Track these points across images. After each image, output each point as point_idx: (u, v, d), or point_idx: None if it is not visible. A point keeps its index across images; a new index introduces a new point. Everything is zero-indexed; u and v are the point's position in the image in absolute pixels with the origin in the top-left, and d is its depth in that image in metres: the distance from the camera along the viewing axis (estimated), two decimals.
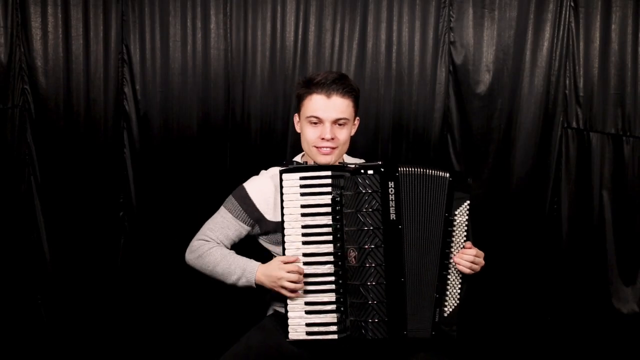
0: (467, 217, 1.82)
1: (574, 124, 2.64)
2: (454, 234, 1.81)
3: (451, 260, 1.80)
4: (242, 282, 1.86)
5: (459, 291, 1.81)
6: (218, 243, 1.94)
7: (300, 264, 1.78)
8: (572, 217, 2.65)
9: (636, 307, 2.62)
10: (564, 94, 2.64)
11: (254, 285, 1.85)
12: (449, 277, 1.80)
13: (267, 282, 1.82)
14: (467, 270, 1.80)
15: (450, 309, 1.80)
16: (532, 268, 2.68)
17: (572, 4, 2.60)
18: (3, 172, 2.56)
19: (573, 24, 2.61)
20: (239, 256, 1.91)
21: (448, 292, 1.80)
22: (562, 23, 2.62)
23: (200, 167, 2.66)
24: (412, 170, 1.77)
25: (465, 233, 1.82)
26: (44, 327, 2.64)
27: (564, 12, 2.61)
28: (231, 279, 1.87)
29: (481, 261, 1.84)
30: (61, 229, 2.63)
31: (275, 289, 1.81)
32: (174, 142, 2.65)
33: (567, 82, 2.63)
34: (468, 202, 1.82)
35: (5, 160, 2.56)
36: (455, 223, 1.80)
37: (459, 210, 1.81)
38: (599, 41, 2.59)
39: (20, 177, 2.59)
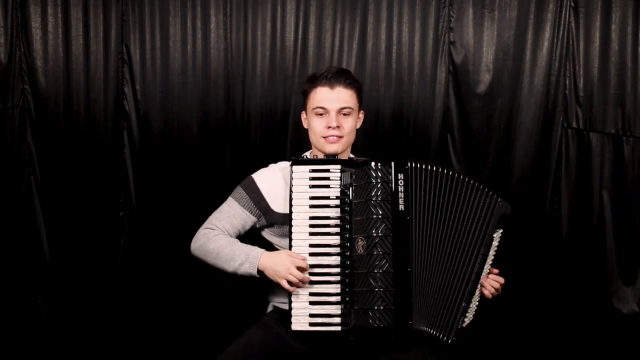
0: (497, 243, 1.83)
1: (574, 124, 2.64)
2: (489, 253, 1.81)
3: (483, 276, 1.81)
4: (244, 267, 1.84)
5: (476, 307, 1.82)
6: (223, 231, 1.95)
7: (307, 260, 1.79)
8: (572, 217, 2.66)
9: (636, 307, 2.62)
10: (564, 94, 2.64)
11: (255, 273, 1.83)
12: (476, 291, 1.80)
13: (269, 269, 1.81)
14: (489, 296, 1.84)
15: (469, 321, 1.79)
16: (532, 268, 2.68)
17: (572, 4, 2.60)
18: (3, 172, 2.56)
19: (573, 24, 2.61)
20: (244, 244, 1.91)
21: (471, 305, 1.79)
22: (562, 23, 2.62)
23: (200, 167, 2.66)
24: (426, 167, 1.78)
25: (493, 257, 1.83)
26: (44, 327, 2.64)
27: (564, 12, 2.61)
28: (233, 265, 1.85)
29: (500, 289, 1.87)
30: (61, 229, 2.63)
31: (276, 279, 1.80)
32: (174, 142, 2.65)
33: (567, 82, 2.63)
34: (502, 230, 1.83)
35: (5, 160, 2.56)
36: (491, 244, 1.81)
37: (495, 235, 1.82)
38: (599, 41, 2.60)
39: (20, 177, 2.59)
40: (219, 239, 1.91)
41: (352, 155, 2.04)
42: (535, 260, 2.68)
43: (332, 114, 1.91)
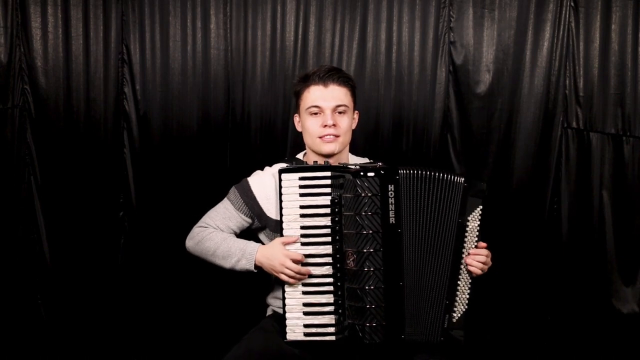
0: (478, 223, 1.80)
1: (574, 124, 2.64)
2: (466, 239, 1.78)
3: (462, 266, 1.78)
4: (241, 264, 1.84)
5: (467, 296, 1.80)
6: (217, 230, 1.94)
7: (299, 245, 1.78)
8: (572, 217, 2.66)
9: (636, 307, 2.62)
10: (564, 94, 2.64)
11: (253, 269, 1.83)
12: (459, 282, 1.78)
13: (266, 265, 1.81)
14: (478, 272, 1.79)
15: (459, 314, 1.78)
16: (532, 268, 2.68)
17: (572, 4, 2.60)
18: (3, 172, 2.56)
19: (573, 24, 2.61)
20: (239, 239, 1.90)
21: (457, 298, 1.78)
22: (562, 23, 2.62)
23: (200, 167, 2.66)
24: (415, 172, 1.74)
25: (476, 239, 1.81)
26: (44, 327, 2.64)
27: (564, 12, 2.61)
28: (230, 262, 1.85)
29: (489, 261, 1.84)
30: (61, 229, 2.63)
31: (273, 273, 1.80)
32: (174, 142, 2.65)
33: (567, 82, 2.63)
34: (481, 207, 1.79)
35: (5, 160, 2.56)
36: (467, 229, 1.78)
37: (471, 216, 1.78)
38: (599, 41, 2.59)
39: (20, 177, 2.59)
40: (214, 236, 1.90)
41: (350, 155, 2.03)
42: (535, 260, 2.68)
43: (327, 112, 1.87)
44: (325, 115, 1.87)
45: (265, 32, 2.64)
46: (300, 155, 2.04)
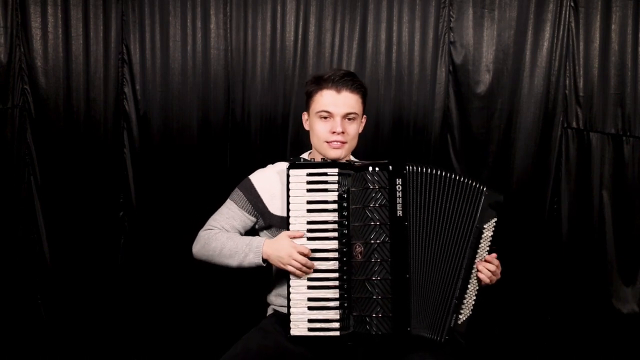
0: (492, 233, 1.83)
1: (574, 124, 2.65)
2: (480, 246, 1.80)
3: (473, 271, 1.80)
4: (249, 258, 1.83)
5: (473, 302, 1.81)
6: (222, 230, 1.94)
7: (305, 240, 1.79)
8: (572, 217, 2.66)
9: (636, 307, 2.62)
10: (564, 94, 2.64)
11: (261, 262, 1.83)
12: (469, 286, 1.79)
13: (273, 257, 1.80)
14: (487, 280, 1.81)
15: (464, 317, 1.79)
16: (532, 268, 2.68)
17: (572, 4, 2.61)
18: (3, 172, 2.56)
19: (573, 24, 2.62)
20: (244, 236, 1.91)
21: (465, 301, 1.79)
22: (562, 23, 2.62)
23: (200, 167, 2.66)
24: (422, 170, 1.77)
25: (488, 248, 1.83)
26: (44, 327, 2.64)
27: (564, 12, 2.61)
28: (238, 258, 1.85)
29: (499, 273, 1.85)
30: (61, 229, 2.63)
31: (281, 266, 1.79)
32: (173, 142, 2.65)
33: (567, 82, 2.63)
34: (496, 219, 1.83)
35: (5, 160, 2.57)
36: (482, 236, 1.80)
37: (487, 225, 1.81)
38: (599, 41, 2.60)
39: (20, 177, 2.59)
40: (220, 236, 1.91)
41: (352, 157, 2.03)
42: (535, 260, 2.68)
43: (337, 118, 1.88)
44: (335, 122, 1.89)
45: (265, 32, 2.64)
46: (305, 155, 2.05)
